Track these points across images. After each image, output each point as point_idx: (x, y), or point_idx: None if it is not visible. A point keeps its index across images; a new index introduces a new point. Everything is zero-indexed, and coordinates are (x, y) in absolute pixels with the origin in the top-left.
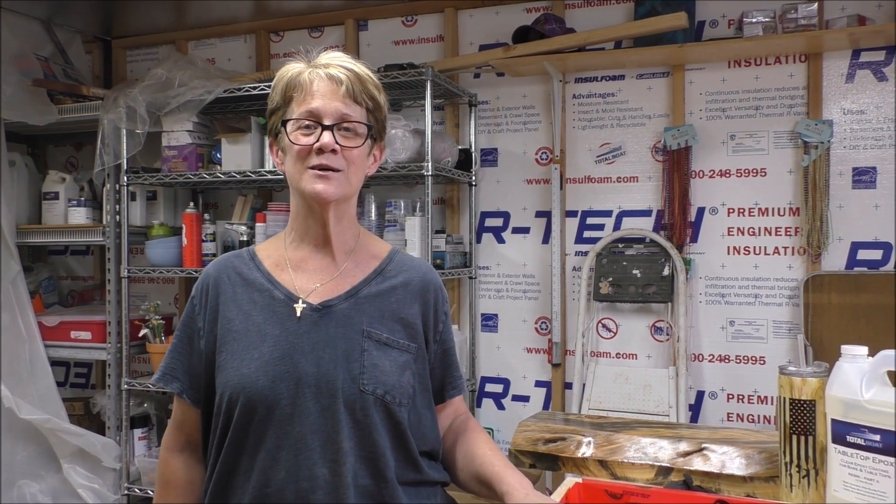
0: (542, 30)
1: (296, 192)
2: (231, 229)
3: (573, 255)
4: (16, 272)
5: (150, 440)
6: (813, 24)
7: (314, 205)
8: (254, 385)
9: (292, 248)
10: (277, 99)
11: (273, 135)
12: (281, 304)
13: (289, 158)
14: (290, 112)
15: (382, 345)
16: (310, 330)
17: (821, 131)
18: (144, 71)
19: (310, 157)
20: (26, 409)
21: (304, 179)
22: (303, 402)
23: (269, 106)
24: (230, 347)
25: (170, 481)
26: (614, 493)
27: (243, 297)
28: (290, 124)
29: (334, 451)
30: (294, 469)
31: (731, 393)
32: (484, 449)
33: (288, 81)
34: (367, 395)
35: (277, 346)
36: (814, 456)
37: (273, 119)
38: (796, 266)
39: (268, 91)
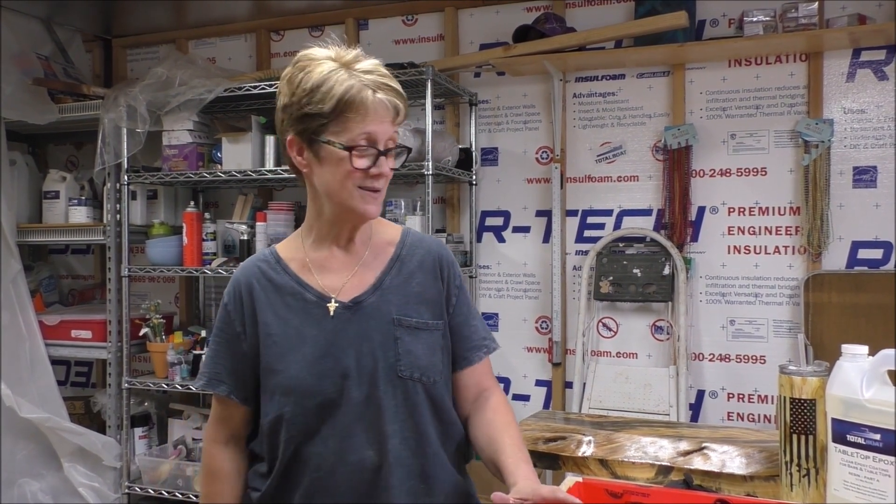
0: (543, 29)
1: (335, 203)
2: (231, 228)
3: (573, 255)
4: (16, 271)
5: (151, 439)
6: (813, 23)
7: (357, 220)
8: (301, 384)
9: (313, 249)
10: (325, 108)
11: (304, 137)
12: (314, 306)
13: (331, 170)
14: (344, 129)
15: (413, 329)
16: (345, 326)
17: (821, 130)
18: (145, 70)
19: (362, 179)
20: (27, 407)
21: (354, 198)
22: (347, 393)
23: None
24: (272, 351)
25: (217, 472)
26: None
27: (277, 302)
28: (343, 141)
29: (378, 434)
30: (343, 454)
31: (732, 392)
32: (505, 438)
33: (343, 97)
34: (405, 380)
35: (317, 346)
36: (814, 455)
37: (310, 123)
38: (797, 265)
39: (268, 90)
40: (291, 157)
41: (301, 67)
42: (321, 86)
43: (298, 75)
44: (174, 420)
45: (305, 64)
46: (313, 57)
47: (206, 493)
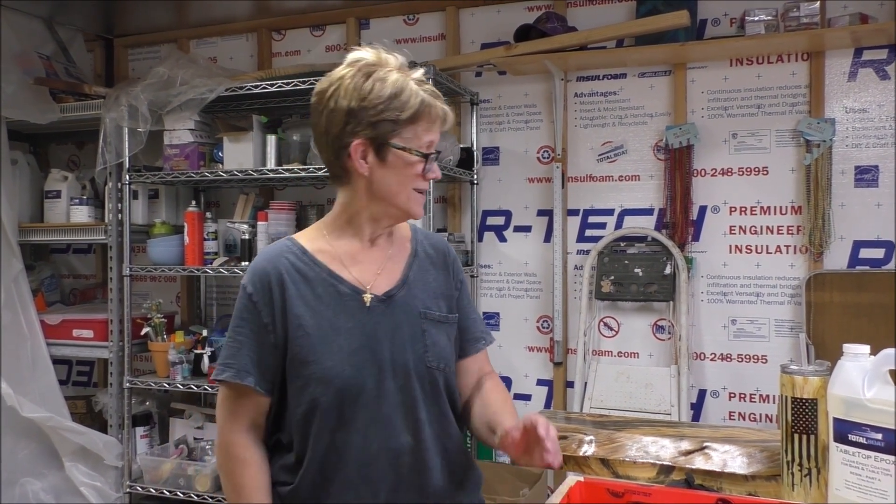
0: (544, 28)
1: (388, 203)
2: (233, 228)
3: (575, 254)
4: (18, 270)
5: (152, 438)
6: (815, 22)
7: (402, 220)
8: (340, 375)
9: (341, 242)
10: (403, 116)
11: (374, 142)
12: (349, 298)
13: (395, 174)
14: (415, 136)
15: (437, 322)
16: (380, 319)
17: (823, 130)
18: (146, 69)
19: (418, 182)
20: (28, 407)
21: (410, 200)
22: (384, 384)
23: (378, 112)
24: (305, 342)
25: (247, 459)
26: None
27: (308, 294)
28: (414, 147)
29: (414, 420)
30: (384, 441)
31: (733, 392)
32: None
33: (419, 107)
34: (433, 370)
35: (353, 337)
36: (815, 455)
37: (384, 128)
38: (798, 265)
39: (269, 90)
40: (351, 159)
41: (367, 73)
42: (400, 94)
43: (369, 82)
44: (175, 419)
45: (371, 70)
46: (377, 63)
47: (238, 482)
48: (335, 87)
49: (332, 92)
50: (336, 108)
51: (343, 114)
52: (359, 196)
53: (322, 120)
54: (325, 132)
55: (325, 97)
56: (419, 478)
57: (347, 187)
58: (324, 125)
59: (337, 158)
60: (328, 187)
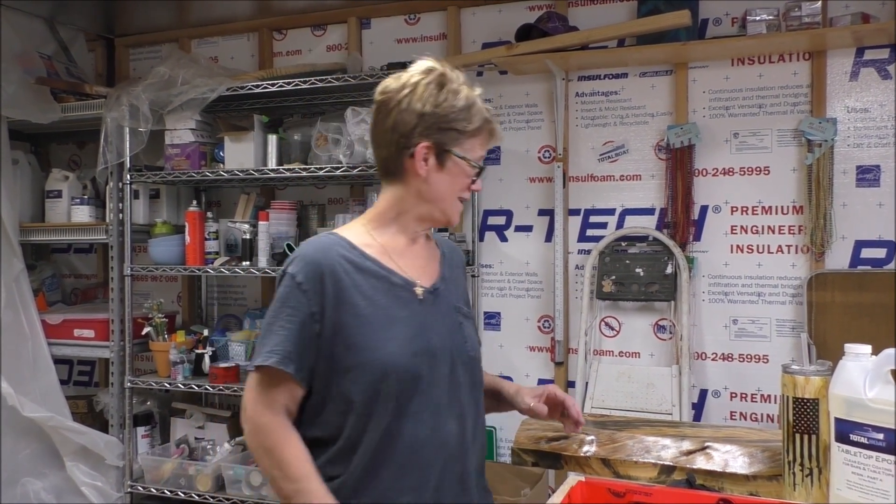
0: (545, 28)
1: (434, 206)
2: (234, 227)
3: (576, 254)
4: (19, 270)
5: (153, 438)
6: (817, 21)
7: (442, 224)
8: (397, 362)
9: (385, 238)
10: (469, 127)
11: (438, 146)
12: (401, 289)
13: (448, 180)
14: (472, 148)
15: (466, 317)
16: (430, 309)
17: (824, 129)
18: (147, 69)
19: (465, 191)
20: (29, 406)
21: (454, 206)
22: (436, 371)
23: (449, 120)
24: (362, 331)
25: (287, 435)
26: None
27: (363, 284)
28: (472, 159)
29: (459, 407)
30: (435, 426)
31: (735, 391)
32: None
33: (483, 122)
34: (473, 360)
35: (408, 326)
36: (817, 454)
37: (450, 136)
38: (800, 264)
39: (270, 89)
40: (412, 161)
41: (440, 83)
42: (470, 108)
43: (443, 92)
44: (176, 419)
45: (444, 81)
46: (448, 76)
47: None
48: (409, 90)
49: (406, 93)
50: (408, 109)
51: (415, 116)
52: (409, 195)
53: (390, 117)
54: (391, 129)
55: (398, 97)
56: (459, 464)
57: (399, 185)
58: (391, 123)
59: (398, 155)
60: (329, 187)
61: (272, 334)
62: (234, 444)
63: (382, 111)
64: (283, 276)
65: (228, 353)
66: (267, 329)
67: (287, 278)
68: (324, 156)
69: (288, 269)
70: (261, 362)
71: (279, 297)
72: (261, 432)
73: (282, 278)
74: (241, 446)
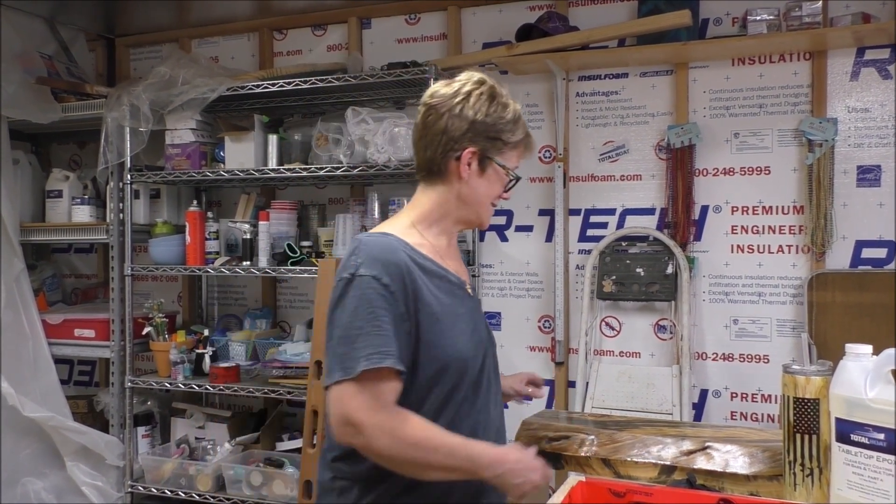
0: (546, 28)
1: (471, 209)
2: (234, 227)
3: (576, 254)
4: (19, 270)
5: (154, 438)
6: (817, 21)
7: (475, 226)
8: (465, 355)
9: (431, 237)
10: (513, 139)
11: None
12: (457, 288)
13: (487, 185)
14: (510, 159)
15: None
16: (476, 306)
17: (825, 129)
18: (148, 69)
19: (498, 199)
20: (30, 406)
21: (488, 210)
22: (486, 362)
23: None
24: (436, 328)
25: (419, 418)
26: (618, 492)
27: (429, 283)
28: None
29: (496, 395)
30: (486, 413)
31: (735, 391)
32: None
33: (525, 136)
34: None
35: (467, 323)
36: (817, 455)
37: (495, 144)
38: (800, 264)
39: (271, 89)
40: (457, 163)
41: (492, 95)
42: (517, 121)
43: (494, 104)
44: (177, 419)
45: (496, 94)
46: (498, 89)
47: (434, 433)
48: (463, 98)
49: (460, 100)
50: (461, 115)
51: (467, 122)
52: (451, 197)
53: (442, 121)
54: (442, 131)
55: (451, 102)
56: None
57: (440, 186)
58: (442, 126)
59: (443, 157)
60: (329, 187)
61: (373, 336)
62: (235, 444)
63: (433, 114)
64: (357, 279)
65: (229, 353)
66: (357, 333)
67: (368, 280)
68: (324, 156)
69: (362, 271)
70: (371, 366)
71: (363, 298)
72: (394, 433)
73: (349, 281)
74: (242, 446)
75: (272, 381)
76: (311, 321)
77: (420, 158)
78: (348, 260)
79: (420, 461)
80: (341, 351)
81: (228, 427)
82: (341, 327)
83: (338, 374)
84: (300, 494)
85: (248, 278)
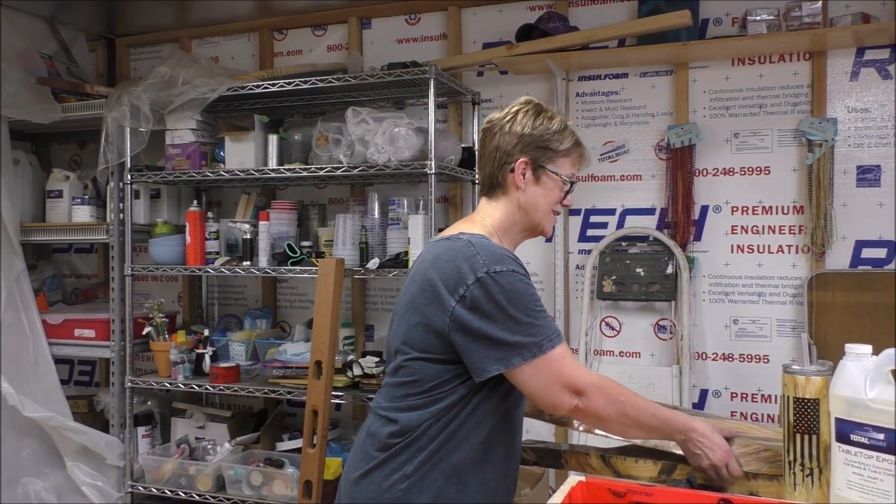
0: (546, 28)
1: (531, 217)
2: (234, 227)
3: (576, 254)
4: (20, 270)
5: (154, 438)
6: (817, 21)
7: (536, 234)
8: None
9: (508, 245)
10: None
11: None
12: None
13: (543, 193)
14: (563, 166)
15: None
16: None
17: (825, 129)
18: (148, 69)
19: (558, 205)
20: (30, 406)
21: (547, 217)
22: None
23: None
24: None
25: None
26: (617, 492)
27: None
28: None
29: None
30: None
31: (735, 392)
32: None
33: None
34: None
35: None
36: (818, 455)
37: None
38: (800, 264)
39: (271, 89)
40: (513, 174)
41: (537, 111)
42: (562, 131)
43: (540, 118)
44: (177, 419)
45: (542, 109)
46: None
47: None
48: (511, 117)
49: (508, 119)
50: (510, 132)
51: (516, 136)
52: (513, 207)
53: (495, 139)
54: (496, 148)
55: (502, 122)
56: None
57: (503, 198)
58: (496, 143)
59: (500, 170)
60: (329, 187)
61: (545, 318)
62: (235, 444)
63: (488, 136)
64: (504, 273)
65: (229, 353)
66: (541, 314)
67: (514, 274)
68: (324, 156)
69: (501, 267)
70: (554, 344)
71: (523, 293)
72: (606, 388)
73: (487, 278)
74: (242, 446)
75: (272, 381)
76: (311, 321)
77: (482, 176)
78: (473, 258)
79: (627, 420)
80: (527, 333)
81: (228, 427)
82: (510, 319)
83: (531, 352)
84: (300, 494)
85: (248, 278)
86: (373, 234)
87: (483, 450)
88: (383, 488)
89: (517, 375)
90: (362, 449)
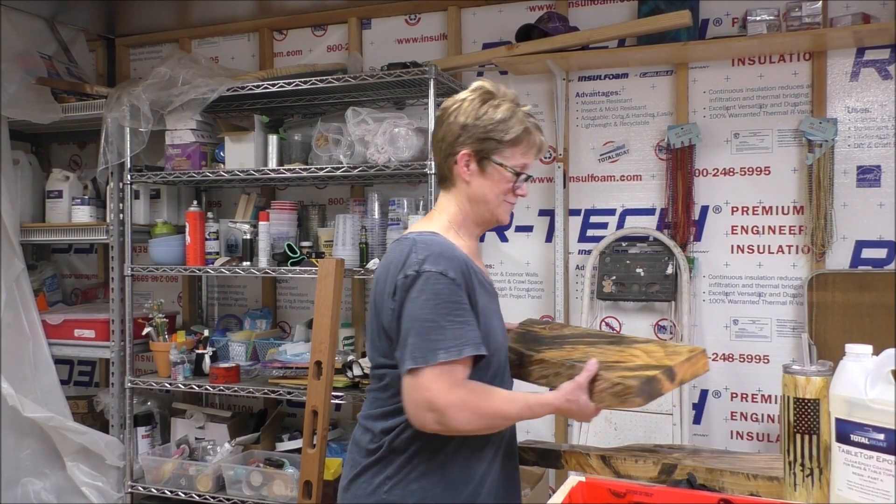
0: (546, 28)
1: (484, 209)
2: (234, 228)
3: (576, 254)
4: (20, 270)
5: (154, 438)
6: (817, 22)
7: (493, 224)
8: (501, 348)
9: (463, 240)
10: (506, 137)
11: (478, 154)
12: (489, 286)
13: (490, 184)
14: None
15: None
16: (498, 303)
17: (825, 129)
18: (148, 69)
19: (509, 195)
20: (30, 406)
21: (500, 207)
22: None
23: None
24: (482, 322)
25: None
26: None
27: (476, 281)
28: (511, 166)
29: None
30: None
31: (735, 392)
32: None
33: (521, 133)
34: None
35: (499, 320)
36: (818, 455)
37: (488, 145)
38: (800, 265)
39: (271, 90)
40: (457, 166)
41: (484, 99)
42: (507, 120)
43: (484, 107)
44: (177, 419)
45: (488, 97)
46: (495, 93)
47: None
48: (457, 106)
49: (454, 109)
50: (454, 122)
51: (458, 127)
52: (462, 199)
53: (442, 129)
54: (442, 139)
55: (448, 112)
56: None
57: (452, 190)
58: (442, 134)
59: (445, 162)
60: (329, 187)
61: (457, 326)
62: (235, 444)
63: (437, 125)
64: (424, 275)
65: (229, 354)
66: (439, 324)
67: (437, 276)
68: (324, 156)
69: (427, 267)
70: (449, 357)
71: (438, 293)
72: (470, 405)
73: (416, 278)
74: (242, 446)
75: (272, 382)
76: (310, 321)
77: (436, 167)
78: (408, 258)
79: (495, 425)
80: (417, 343)
81: (228, 427)
82: (414, 320)
83: (411, 363)
84: (300, 495)
85: (248, 278)
86: (373, 234)
87: (461, 442)
88: (368, 492)
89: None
90: (350, 457)
